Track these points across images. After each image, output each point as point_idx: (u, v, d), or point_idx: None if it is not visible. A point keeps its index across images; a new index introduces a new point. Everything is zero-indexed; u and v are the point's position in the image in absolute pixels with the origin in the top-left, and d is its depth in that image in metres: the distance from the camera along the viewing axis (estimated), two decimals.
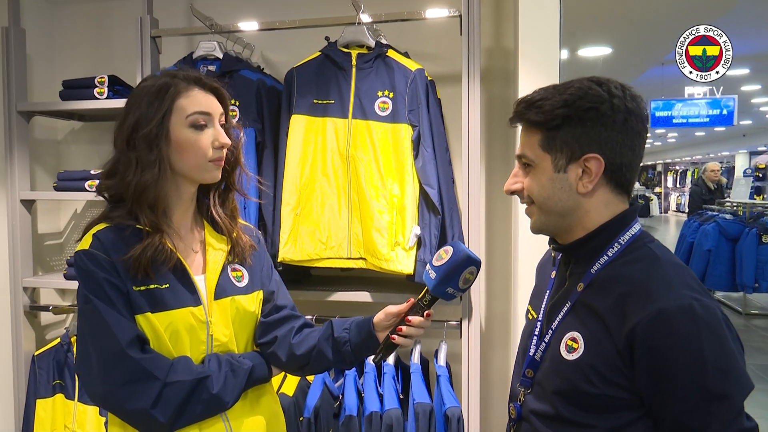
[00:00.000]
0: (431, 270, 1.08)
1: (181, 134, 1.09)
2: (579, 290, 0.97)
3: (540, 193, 0.97)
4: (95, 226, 1.12)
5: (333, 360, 1.20)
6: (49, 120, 2.49)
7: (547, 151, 0.96)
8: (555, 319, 0.99)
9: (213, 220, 1.21)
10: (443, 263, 1.06)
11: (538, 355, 1.00)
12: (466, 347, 1.87)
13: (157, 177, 1.08)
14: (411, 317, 1.12)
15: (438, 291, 1.08)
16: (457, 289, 1.08)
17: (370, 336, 1.16)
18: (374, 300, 1.95)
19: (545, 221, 1.00)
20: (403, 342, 1.13)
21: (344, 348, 1.18)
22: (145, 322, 1.07)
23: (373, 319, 1.17)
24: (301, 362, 1.21)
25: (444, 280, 1.06)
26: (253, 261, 1.24)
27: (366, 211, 1.82)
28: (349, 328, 1.19)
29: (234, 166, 1.21)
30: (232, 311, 1.16)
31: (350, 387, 1.86)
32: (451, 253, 1.06)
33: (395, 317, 1.15)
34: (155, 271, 1.08)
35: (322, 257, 1.88)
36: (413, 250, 1.80)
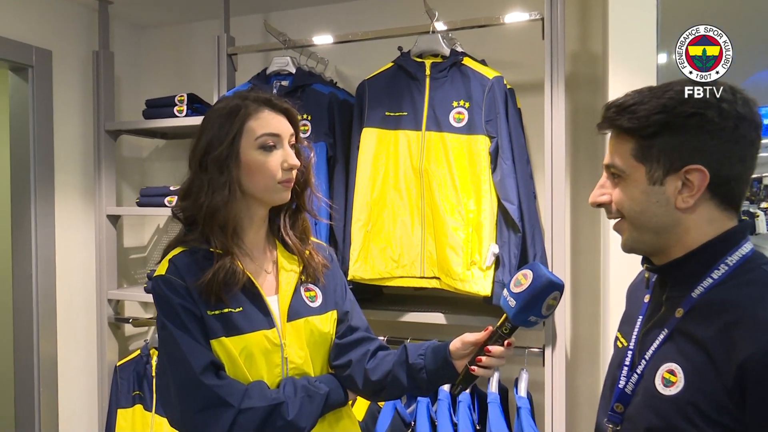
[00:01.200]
0: (510, 297, 0.98)
1: (250, 156, 1.08)
2: (678, 316, 0.85)
3: (632, 207, 0.87)
4: (172, 250, 1.12)
5: (408, 386, 1.13)
6: (135, 138, 2.60)
7: (641, 162, 0.85)
8: (649, 348, 0.87)
9: (284, 240, 1.19)
10: (523, 290, 0.96)
11: (629, 387, 0.89)
12: (549, 377, 1.71)
13: (227, 199, 1.07)
14: (491, 347, 1.03)
15: (519, 319, 0.98)
16: (540, 316, 0.97)
17: (447, 364, 1.08)
18: (449, 322, 1.84)
19: (638, 238, 0.89)
20: (483, 373, 1.04)
21: (420, 375, 1.11)
22: (219, 347, 1.05)
23: (449, 347, 1.08)
24: (376, 388, 1.15)
25: (525, 307, 0.96)
26: (326, 280, 1.21)
27: (440, 228, 1.72)
28: (424, 355, 1.11)
29: (304, 187, 1.19)
30: (306, 333, 1.13)
31: (423, 414, 1.75)
32: (531, 278, 0.96)
33: (473, 346, 1.06)
34: (228, 294, 1.07)
35: (393, 276, 1.79)
36: (491, 270, 1.67)
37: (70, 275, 2.34)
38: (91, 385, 2.40)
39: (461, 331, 1.14)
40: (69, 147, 2.35)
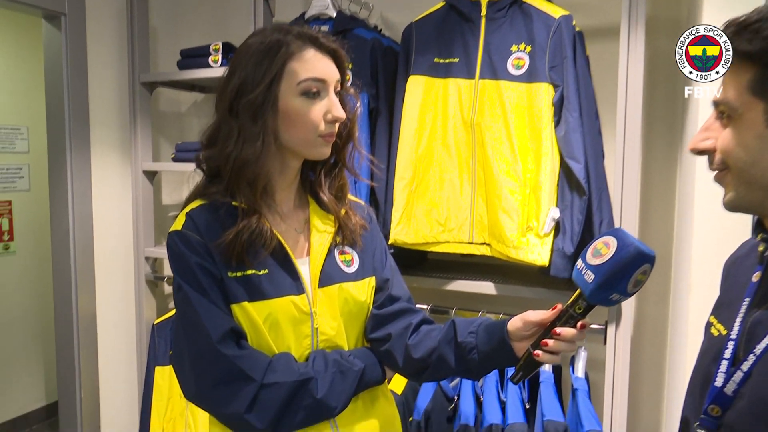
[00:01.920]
0: (586, 270, 0.81)
1: (290, 103, 0.93)
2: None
3: (739, 155, 0.69)
4: (190, 203, 0.99)
5: (456, 368, 0.98)
6: (172, 92, 2.50)
7: (760, 96, 0.67)
8: (760, 341, 0.70)
9: (319, 198, 1.04)
10: (604, 261, 0.79)
11: (730, 387, 0.71)
12: (611, 357, 1.53)
13: (260, 152, 0.93)
14: (560, 329, 0.85)
15: (597, 297, 0.81)
16: (624, 294, 0.80)
17: (503, 346, 0.92)
18: (499, 293, 1.68)
19: (745, 196, 0.71)
20: (549, 360, 0.88)
21: (470, 356, 0.95)
22: (241, 312, 0.93)
23: (507, 326, 0.92)
24: (418, 367, 1.01)
25: (606, 283, 0.79)
26: (364, 243, 1.06)
27: (492, 189, 1.54)
28: (476, 333, 0.96)
29: (346, 141, 1.03)
30: (339, 301, 1.00)
31: (467, 391, 1.61)
32: (615, 246, 0.78)
33: (537, 327, 0.90)
34: (252, 256, 0.93)
35: (439, 241, 1.64)
36: (549, 237, 1.49)
37: (108, 232, 2.30)
38: (129, 342, 2.38)
39: (512, 303, 0.99)
40: (104, 100, 2.27)
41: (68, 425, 2.32)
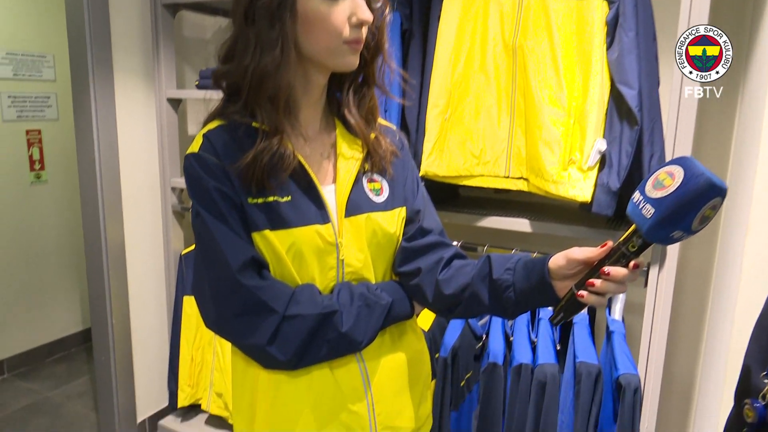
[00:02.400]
0: (644, 203, 0.71)
1: (309, 5, 0.83)
2: None
3: None
4: (207, 124, 0.91)
5: (490, 306, 0.91)
6: (197, 17, 2.39)
7: None
8: None
9: (346, 120, 0.95)
10: (668, 193, 0.69)
11: None
12: (651, 301, 1.45)
13: (279, 61, 0.83)
14: (609, 268, 0.77)
15: (656, 234, 0.72)
16: (688, 231, 0.70)
17: (544, 285, 0.84)
18: (534, 230, 1.59)
19: None
20: (595, 302, 0.80)
21: (506, 295, 0.88)
22: (263, 241, 0.87)
23: (549, 264, 0.84)
24: (449, 303, 0.95)
25: (669, 218, 0.69)
26: (395, 171, 0.99)
27: (533, 119, 1.42)
28: (513, 270, 0.88)
29: (375, 54, 0.93)
30: (367, 231, 0.94)
31: (497, 330, 1.57)
32: (682, 177, 0.68)
33: (582, 266, 0.81)
34: (274, 181, 0.86)
35: (473, 174, 1.54)
36: (593, 171, 1.38)
37: (134, 162, 2.27)
38: (158, 272, 2.40)
39: (548, 242, 0.90)
40: (126, 24, 2.18)
41: (101, 351, 2.39)
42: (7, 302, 3.04)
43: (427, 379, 1.07)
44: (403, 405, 0.99)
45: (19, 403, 2.79)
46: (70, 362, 3.24)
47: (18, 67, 2.94)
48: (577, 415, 1.40)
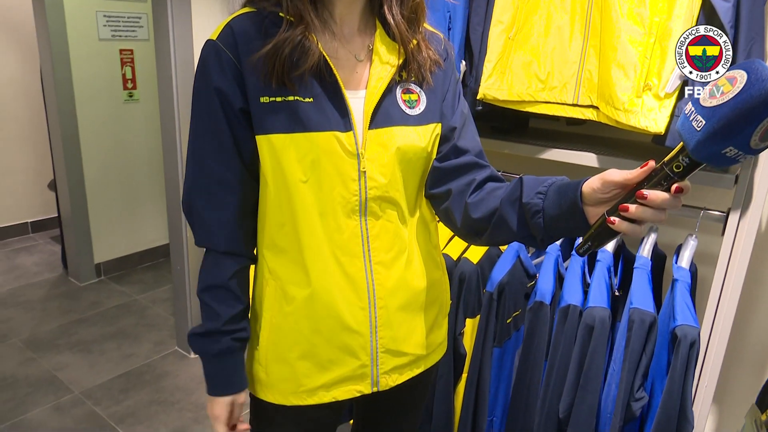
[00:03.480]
0: (695, 115, 0.60)
1: None
2: None
3: None
4: (237, 11, 0.86)
5: (518, 233, 0.83)
6: None
7: None
8: None
9: (386, 20, 0.87)
10: (725, 100, 0.57)
11: None
12: (728, 251, 1.30)
13: None
14: (647, 191, 0.66)
15: (705, 151, 0.60)
16: (745, 149, 0.58)
17: (575, 210, 0.75)
18: (602, 165, 1.46)
19: None
20: (628, 230, 0.69)
21: (535, 220, 0.79)
22: (267, 145, 0.83)
23: (582, 187, 0.74)
24: (476, 228, 0.88)
25: (722, 130, 0.57)
26: (435, 82, 0.90)
27: (608, 38, 1.26)
28: (545, 194, 0.79)
29: None
30: (395, 145, 0.86)
31: (548, 268, 1.48)
32: (745, 81, 0.56)
33: (619, 189, 0.71)
34: (296, 77, 0.80)
35: (536, 99, 1.42)
36: (671, 99, 1.22)
37: None
38: None
39: None
40: None
41: (177, 261, 2.56)
42: (104, 212, 3.32)
43: (443, 306, 1.02)
44: (411, 330, 0.95)
45: (112, 302, 3.09)
46: (158, 270, 3.52)
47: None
48: (626, 364, 1.31)
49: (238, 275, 0.91)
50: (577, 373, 1.36)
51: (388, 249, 0.89)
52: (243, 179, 0.87)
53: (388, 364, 0.93)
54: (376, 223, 0.88)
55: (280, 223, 0.87)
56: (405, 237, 0.91)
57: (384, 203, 0.88)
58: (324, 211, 0.85)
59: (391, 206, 0.89)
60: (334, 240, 0.86)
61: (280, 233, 0.87)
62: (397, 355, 0.93)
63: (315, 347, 0.90)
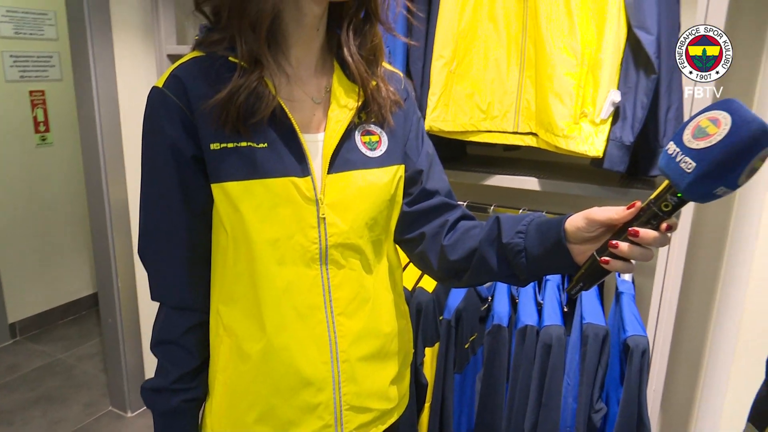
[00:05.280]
0: (684, 155, 0.62)
1: None
2: None
3: None
4: (185, 56, 0.82)
5: (499, 273, 0.83)
6: None
7: None
8: None
9: (345, 61, 0.85)
10: (714, 143, 0.60)
11: None
12: (663, 261, 1.39)
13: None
14: (639, 229, 0.67)
15: (698, 191, 0.63)
16: (733, 186, 0.61)
17: (560, 249, 0.75)
18: (543, 189, 1.53)
19: None
20: (623, 268, 0.70)
21: (517, 260, 0.79)
22: (222, 194, 0.79)
23: (565, 225, 0.75)
24: (455, 270, 0.87)
25: (715, 172, 0.60)
26: (396, 122, 0.89)
27: (544, 69, 1.34)
28: (525, 233, 0.79)
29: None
30: (356, 190, 0.83)
31: (502, 291, 1.52)
32: (730, 124, 0.59)
33: (604, 228, 0.72)
34: (251, 124, 0.77)
35: (479, 129, 1.47)
36: (606, 124, 1.30)
37: (135, 118, 2.23)
38: None
39: (557, 201, 0.83)
40: None
41: (108, 313, 2.40)
42: (19, 266, 3.07)
43: (407, 356, 1.00)
44: (375, 383, 0.90)
45: (32, 364, 2.84)
46: (82, 324, 3.28)
47: (19, 25, 2.89)
48: (583, 378, 1.36)
49: (193, 331, 0.87)
50: (538, 391, 1.40)
51: (351, 299, 0.85)
52: (194, 231, 0.83)
53: (353, 423, 0.88)
54: (338, 272, 0.84)
55: (236, 274, 0.83)
56: (369, 286, 0.87)
57: (346, 251, 0.84)
58: (283, 260, 0.81)
59: (353, 254, 0.85)
60: (293, 291, 0.82)
61: (237, 285, 0.83)
62: (361, 411, 0.89)
63: (274, 408, 0.84)
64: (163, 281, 0.85)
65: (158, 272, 0.85)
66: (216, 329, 0.87)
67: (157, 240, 0.83)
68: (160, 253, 0.84)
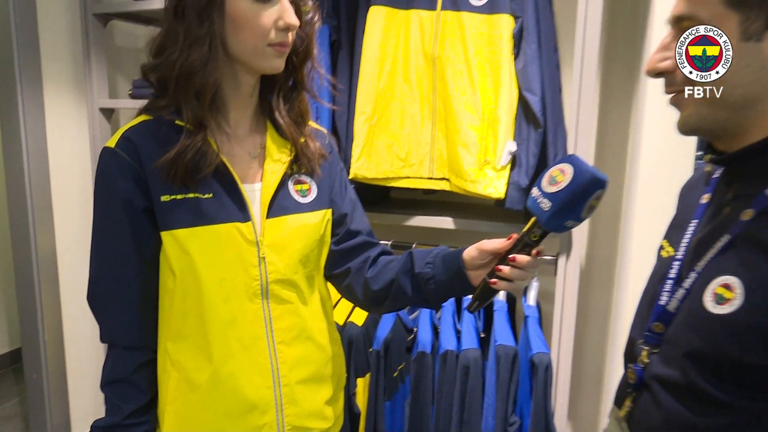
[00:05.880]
0: (542, 198, 0.82)
1: (238, 6, 0.86)
2: (745, 219, 0.68)
3: None
4: (134, 119, 0.94)
5: (414, 298, 0.99)
6: (128, 26, 2.40)
7: (736, 8, 0.65)
8: (702, 258, 0.72)
9: (276, 122, 0.99)
10: (560, 189, 0.80)
11: (673, 304, 0.74)
12: (561, 288, 1.60)
13: (207, 57, 0.86)
14: (516, 256, 0.87)
15: (553, 224, 0.82)
16: (578, 219, 0.82)
17: (459, 275, 0.93)
18: (458, 227, 1.72)
19: (708, 115, 0.70)
20: (506, 287, 0.89)
21: (427, 286, 0.97)
22: (171, 240, 0.90)
23: (463, 255, 0.93)
24: (377, 298, 1.02)
25: (563, 210, 0.80)
26: (323, 173, 1.03)
27: (452, 123, 1.55)
28: (433, 263, 0.97)
29: (304, 59, 0.97)
30: (291, 232, 0.96)
31: (425, 321, 1.67)
32: (571, 174, 0.79)
33: (492, 256, 0.91)
34: (197, 178, 0.89)
35: (399, 176, 1.65)
36: (505, 170, 1.52)
37: (65, 170, 2.25)
38: None
39: (470, 237, 1.01)
40: (55, 32, 2.17)
41: (33, 369, 2.33)
42: None
43: (341, 380, 1.11)
44: (313, 403, 1.01)
45: None
46: None
47: None
48: (498, 395, 1.52)
49: (142, 369, 0.95)
50: (460, 411, 1.54)
51: (289, 329, 0.97)
52: (144, 276, 0.93)
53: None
54: (278, 306, 0.96)
55: (184, 312, 0.92)
56: (305, 316, 0.99)
57: (284, 286, 0.96)
58: (228, 297, 0.92)
59: (290, 288, 0.97)
60: (238, 324, 0.93)
61: (185, 322, 0.93)
62: (302, 431, 0.99)
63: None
64: (115, 324, 0.94)
65: (110, 316, 0.94)
66: (164, 365, 0.95)
67: (109, 285, 0.92)
68: (113, 298, 0.93)
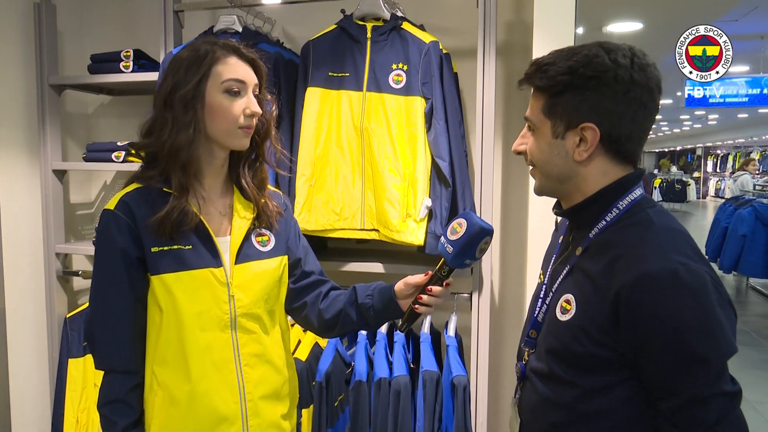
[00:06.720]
0: (447, 244, 1.12)
1: (215, 99, 1.13)
2: (577, 254, 0.99)
3: (539, 156, 0.99)
4: (127, 187, 1.18)
5: (358, 323, 1.27)
6: (80, 94, 2.58)
7: (548, 117, 0.96)
8: (555, 282, 1.02)
9: (242, 187, 1.25)
10: (459, 237, 1.10)
11: (540, 316, 1.04)
12: (476, 320, 1.89)
13: (191, 139, 1.12)
14: (432, 287, 1.17)
15: (456, 263, 1.13)
16: (474, 258, 1.12)
17: (392, 303, 1.22)
18: (387, 271, 1.99)
19: (545, 184, 1.02)
20: (426, 311, 1.19)
21: (368, 313, 1.25)
22: (159, 282, 1.13)
23: (394, 288, 1.22)
24: (329, 325, 1.28)
25: (461, 253, 1.10)
26: (279, 226, 1.28)
27: (379, 183, 1.84)
28: (372, 295, 1.25)
29: (264, 138, 1.24)
30: (254, 274, 1.20)
31: (361, 354, 1.91)
32: (465, 226, 1.10)
33: (415, 288, 1.20)
34: (180, 233, 1.14)
35: (335, 228, 1.92)
36: (424, 221, 1.82)
37: (15, 229, 2.35)
38: (41, 338, 2.44)
39: (398, 279, 1.28)
40: (10, 100, 2.31)
41: None
42: None
43: (294, 399, 1.32)
44: (273, 416, 1.22)
45: None
46: None
47: None
48: (426, 416, 1.76)
49: (134, 390, 1.17)
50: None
51: (254, 354, 1.20)
52: (136, 311, 1.16)
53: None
54: (244, 335, 1.19)
55: (168, 340, 1.15)
56: (266, 344, 1.22)
57: (249, 318, 1.20)
58: (204, 327, 1.16)
59: (254, 321, 1.21)
60: (212, 349, 1.16)
61: (168, 349, 1.15)
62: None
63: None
64: (112, 352, 1.15)
65: (107, 345, 1.15)
66: (150, 385, 1.16)
67: (107, 319, 1.14)
68: (111, 330, 1.14)
